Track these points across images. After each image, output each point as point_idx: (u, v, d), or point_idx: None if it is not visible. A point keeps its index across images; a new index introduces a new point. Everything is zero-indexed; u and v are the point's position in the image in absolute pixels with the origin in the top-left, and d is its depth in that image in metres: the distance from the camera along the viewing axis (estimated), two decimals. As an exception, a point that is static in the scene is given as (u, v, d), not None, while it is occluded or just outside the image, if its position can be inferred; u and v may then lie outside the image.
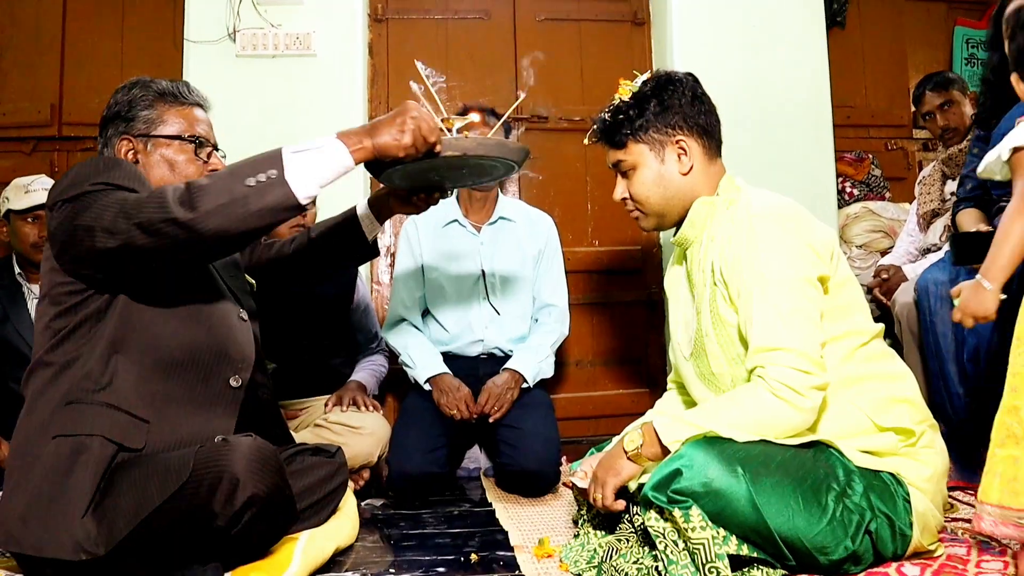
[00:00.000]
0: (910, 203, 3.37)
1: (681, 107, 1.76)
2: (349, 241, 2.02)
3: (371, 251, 2.06)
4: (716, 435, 1.50)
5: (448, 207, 2.87)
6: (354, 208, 2.01)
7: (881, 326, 1.75)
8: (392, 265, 3.36)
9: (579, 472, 1.82)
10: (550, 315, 2.83)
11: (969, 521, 1.82)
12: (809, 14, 3.54)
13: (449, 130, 1.73)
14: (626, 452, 1.63)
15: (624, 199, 1.84)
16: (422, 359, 2.66)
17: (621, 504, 1.66)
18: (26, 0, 3.47)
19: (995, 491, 1.45)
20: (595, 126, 1.85)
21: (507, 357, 2.74)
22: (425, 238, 2.83)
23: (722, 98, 1.94)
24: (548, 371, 2.76)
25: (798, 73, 3.49)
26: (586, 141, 1.91)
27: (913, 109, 3.45)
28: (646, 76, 1.82)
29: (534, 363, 2.68)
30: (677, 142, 1.76)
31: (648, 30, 3.68)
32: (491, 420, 2.53)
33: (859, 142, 3.90)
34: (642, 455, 1.61)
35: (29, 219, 2.79)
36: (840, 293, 1.68)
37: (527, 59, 3.56)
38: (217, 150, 1.83)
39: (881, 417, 1.62)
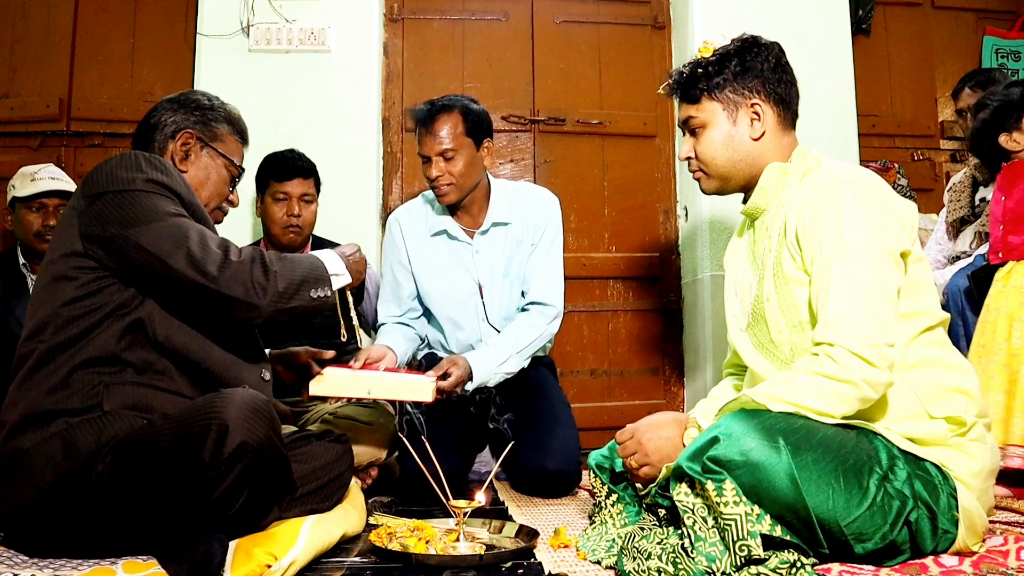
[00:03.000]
0: (937, 214, 3.27)
1: (762, 71, 1.71)
2: None
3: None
4: (758, 406, 1.42)
5: (437, 214, 2.63)
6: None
7: (947, 315, 1.66)
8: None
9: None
10: (541, 312, 2.55)
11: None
12: (833, 21, 3.50)
13: (455, 512, 1.67)
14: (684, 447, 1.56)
15: (689, 158, 1.80)
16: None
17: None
18: (38, -7, 3.44)
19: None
20: (671, 78, 1.81)
21: None
22: (412, 247, 2.61)
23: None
24: (513, 369, 2.46)
25: (822, 80, 3.42)
26: (660, 91, 1.87)
27: (944, 115, 3.36)
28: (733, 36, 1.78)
29: (492, 366, 2.38)
30: (752, 105, 1.71)
31: (668, 34, 3.62)
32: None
33: (885, 152, 3.80)
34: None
35: (34, 207, 2.76)
36: (915, 271, 1.59)
37: (544, 61, 3.51)
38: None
39: (935, 406, 1.52)
